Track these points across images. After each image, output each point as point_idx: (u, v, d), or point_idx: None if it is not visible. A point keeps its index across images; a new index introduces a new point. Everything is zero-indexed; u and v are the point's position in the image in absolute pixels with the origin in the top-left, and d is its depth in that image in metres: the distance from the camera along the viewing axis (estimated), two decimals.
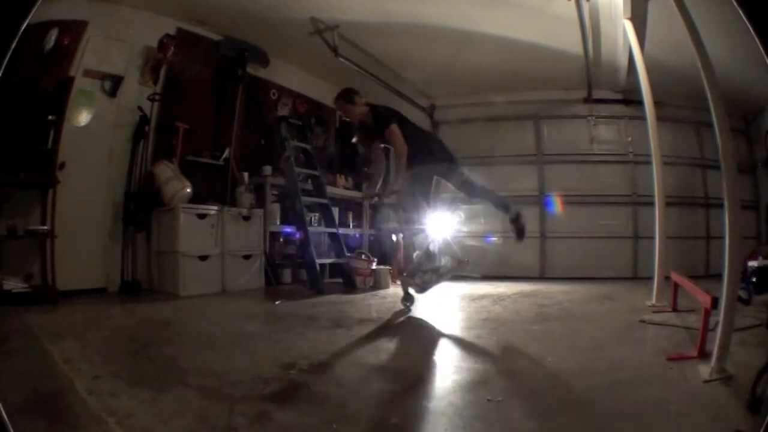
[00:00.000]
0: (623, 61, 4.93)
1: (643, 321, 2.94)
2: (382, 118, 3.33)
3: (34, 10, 1.11)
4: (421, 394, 1.68)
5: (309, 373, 1.89)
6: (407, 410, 1.52)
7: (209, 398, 1.59)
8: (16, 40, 1.08)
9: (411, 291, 3.46)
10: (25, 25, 1.09)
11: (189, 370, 1.90)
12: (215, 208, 4.39)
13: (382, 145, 3.64)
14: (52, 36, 3.63)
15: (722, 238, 1.93)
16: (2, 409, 1.10)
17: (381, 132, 3.30)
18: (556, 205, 6.26)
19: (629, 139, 6.18)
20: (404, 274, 3.52)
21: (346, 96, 3.53)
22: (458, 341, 2.61)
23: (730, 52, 3.31)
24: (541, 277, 6.13)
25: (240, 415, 1.44)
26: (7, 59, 1.08)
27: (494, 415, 1.49)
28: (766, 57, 1.10)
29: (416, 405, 1.56)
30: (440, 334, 2.76)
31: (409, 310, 3.40)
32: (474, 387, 1.74)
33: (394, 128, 3.21)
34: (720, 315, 1.86)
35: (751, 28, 1.12)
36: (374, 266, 4.99)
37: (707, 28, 2.21)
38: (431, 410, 1.51)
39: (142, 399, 1.56)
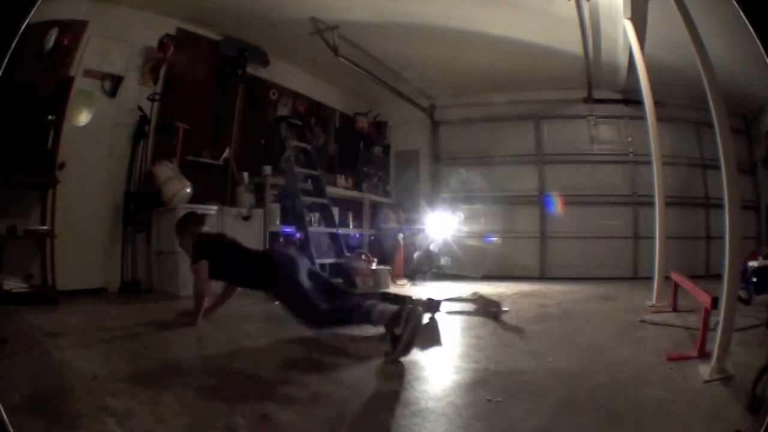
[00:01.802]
0: (623, 61, 4.93)
1: (643, 321, 2.94)
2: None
3: (34, 10, 1.12)
4: (421, 394, 1.68)
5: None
6: (407, 410, 1.52)
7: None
8: (16, 40, 1.08)
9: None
10: (25, 25, 1.09)
11: (189, 371, 1.90)
12: (215, 208, 4.38)
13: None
14: (52, 36, 3.62)
15: (722, 238, 1.93)
16: (2, 409, 1.10)
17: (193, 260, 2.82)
18: (556, 205, 6.27)
19: (629, 139, 6.19)
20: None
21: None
22: (458, 341, 2.61)
23: (730, 52, 3.31)
24: (541, 277, 6.12)
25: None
26: (7, 59, 1.08)
27: (494, 415, 1.49)
28: (766, 57, 1.11)
29: (416, 405, 1.56)
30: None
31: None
32: (474, 387, 1.74)
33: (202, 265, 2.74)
34: (720, 315, 1.87)
35: (751, 28, 1.12)
36: (374, 266, 4.99)
37: (707, 28, 2.22)
38: (431, 410, 1.51)
39: (141, 399, 1.56)
